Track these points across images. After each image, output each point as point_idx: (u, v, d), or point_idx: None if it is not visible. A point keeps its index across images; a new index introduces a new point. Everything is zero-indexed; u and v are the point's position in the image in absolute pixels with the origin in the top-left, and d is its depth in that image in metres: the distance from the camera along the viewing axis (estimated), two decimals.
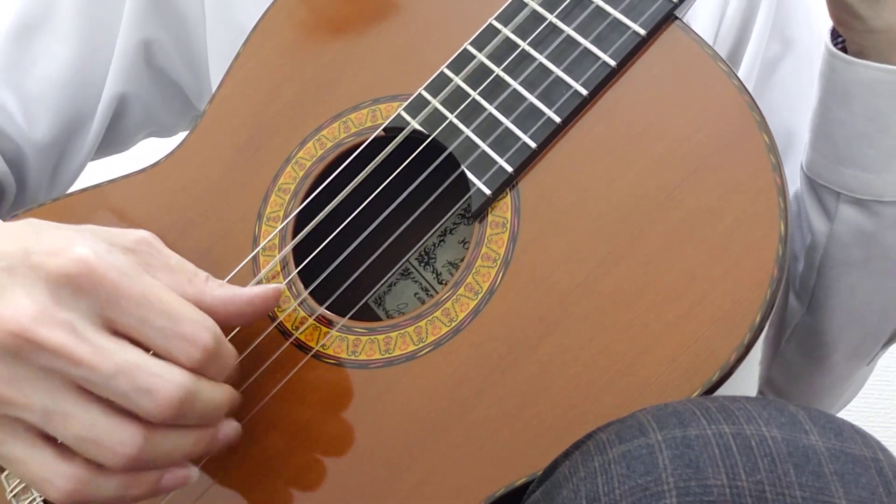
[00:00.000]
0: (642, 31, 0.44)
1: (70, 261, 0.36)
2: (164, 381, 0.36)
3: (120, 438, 0.36)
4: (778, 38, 0.62)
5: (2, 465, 0.39)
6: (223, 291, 0.41)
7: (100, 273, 0.36)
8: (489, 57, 0.47)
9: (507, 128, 0.45)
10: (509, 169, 0.44)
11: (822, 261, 0.52)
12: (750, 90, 0.52)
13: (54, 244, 0.36)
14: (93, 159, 0.70)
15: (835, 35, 0.50)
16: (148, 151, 0.66)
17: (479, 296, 0.43)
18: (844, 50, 0.49)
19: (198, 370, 0.37)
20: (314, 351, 0.45)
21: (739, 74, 0.62)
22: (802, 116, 0.61)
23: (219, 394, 0.39)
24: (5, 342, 0.35)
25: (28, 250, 0.36)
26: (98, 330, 0.36)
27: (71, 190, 0.61)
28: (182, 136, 0.55)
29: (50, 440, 0.38)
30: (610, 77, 0.44)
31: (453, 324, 0.43)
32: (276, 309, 0.47)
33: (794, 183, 0.58)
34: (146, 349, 0.37)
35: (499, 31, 0.47)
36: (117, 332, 0.37)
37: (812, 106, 0.52)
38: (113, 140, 0.69)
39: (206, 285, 0.41)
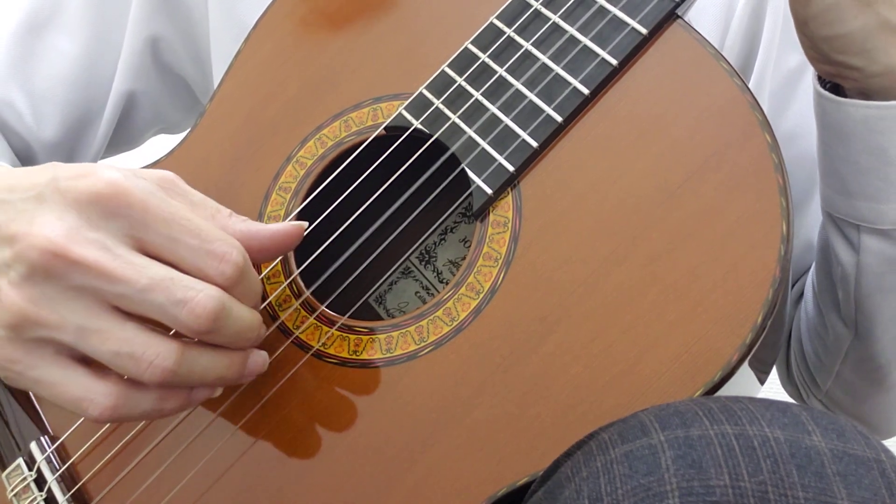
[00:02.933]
0: (644, 30, 0.43)
1: (99, 181, 0.36)
2: (199, 293, 0.36)
3: (156, 351, 0.37)
4: (797, 48, 0.61)
5: (36, 392, 0.39)
6: (246, 226, 0.41)
7: (128, 194, 0.36)
8: (490, 56, 0.47)
9: (508, 127, 0.45)
10: (511, 168, 0.44)
11: (856, 291, 0.51)
12: (766, 101, 0.51)
13: (82, 169, 0.37)
14: (103, 157, 0.70)
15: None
16: (159, 149, 0.66)
17: (481, 295, 0.43)
18: (833, 89, 0.48)
19: (228, 287, 0.38)
20: (314, 350, 0.45)
21: (752, 84, 0.60)
22: None
23: (249, 314, 0.39)
24: (37, 261, 0.36)
25: (56, 177, 0.37)
26: (129, 248, 0.37)
27: None
28: (181, 137, 0.55)
29: (82, 362, 0.38)
30: (611, 76, 0.44)
31: (455, 323, 0.43)
32: (277, 308, 0.47)
33: None
34: (177, 269, 0.37)
35: (500, 30, 0.47)
36: (147, 253, 0.37)
37: (816, 142, 0.50)
38: (122, 138, 0.69)
39: (230, 220, 0.41)
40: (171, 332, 0.39)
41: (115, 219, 0.37)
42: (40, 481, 0.47)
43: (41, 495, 0.46)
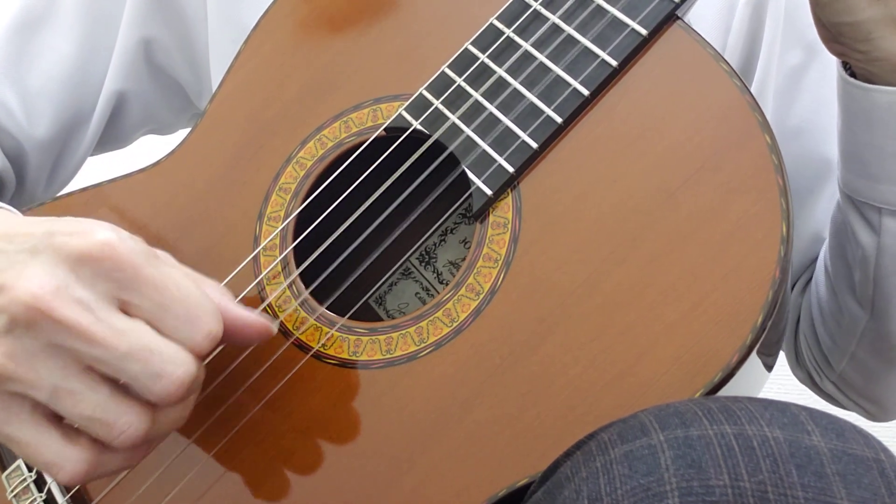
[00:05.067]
0: (644, 31, 0.44)
1: (93, 241, 0.36)
2: (176, 366, 0.36)
3: (128, 420, 0.37)
4: (798, 45, 0.61)
5: (9, 447, 0.39)
6: (225, 302, 0.40)
7: (122, 256, 0.36)
8: (490, 57, 0.47)
9: (508, 128, 0.45)
10: (510, 169, 0.44)
11: (875, 272, 0.52)
12: (771, 100, 0.52)
13: (78, 226, 0.37)
14: (93, 155, 0.70)
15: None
16: (146, 150, 0.66)
17: (481, 296, 0.43)
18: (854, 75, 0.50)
19: (201, 356, 0.38)
20: (314, 351, 0.45)
21: (755, 84, 0.61)
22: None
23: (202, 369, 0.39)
24: (20, 315, 0.35)
25: (52, 231, 0.37)
26: (114, 311, 0.37)
27: (71, 188, 0.61)
28: (182, 133, 0.55)
29: (55, 421, 0.38)
30: (611, 77, 0.44)
31: (454, 324, 0.43)
32: (277, 309, 0.47)
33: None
34: (157, 331, 0.37)
35: (500, 31, 0.47)
36: (130, 314, 0.37)
37: (837, 127, 0.52)
38: (111, 137, 0.69)
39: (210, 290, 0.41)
40: None
41: (104, 279, 0.36)
42: (40, 482, 0.47)
43: (41, 496, 0.46)
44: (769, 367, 0.45)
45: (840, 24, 0.46)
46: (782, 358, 0.59)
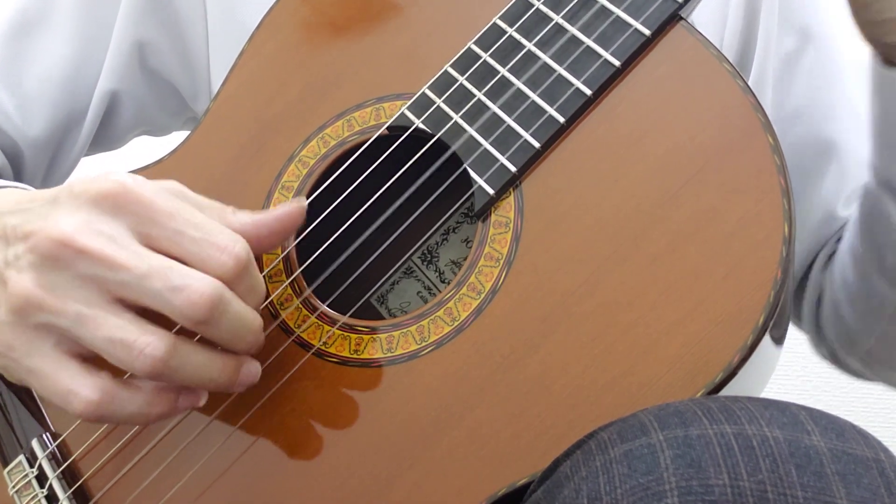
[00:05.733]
0: (647, 31, 0.44)
1: (109, 181, 0.39)
2: (197, 281, 0.38)
3: (148, 340, 0.38)
4: (792, 30, 0.62)
5: (28, 384, 0.40)
6: (251, 217, 0.43)
7: (136, 192, 0.39)
8: (493, 56, 0.47)
9: (510, 127, 0.45)
10: (512, 168, 0.44)
11: None
12: (770, 89, 0.52)
13: (94, 175, 0.40)
14: (87, 156, 0.70)
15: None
16: (140, 151, 0.66)
17: (482, 295, 0.43)
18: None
19: (230, 282, 0.39)
20: (315, 349, 0.45)
21: (753, 75, 0.62)
22: (838, 120, 0.61)
23: (248, 312, 0.40)
24: (47, 249, 0.38)
25: (71, 183, 0.40)
26: (135, 241, 0.38)
27: None
28: (176, 135, 0.56)
29: (77, 358, 0.39)
30: (614, 77, 0.44)
31: (455, 323, 0.43)
32: (278, 307, 0.47)
33: (845, 185, 0.59)
34: (182, 262, 0.39)
35: (503, 31, 0.47)
36: (153, 248, 0.39)
37: (869, 119, 0.52)
38: (105, 137, 0.70)
39: (234, 216, 0.42)
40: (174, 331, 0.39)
41: (123, 214, 0.38)
42: (41, 478, 0.47)
43: (42, 492, 0.46)
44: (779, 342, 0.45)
45: (885, 22, 0.46)
46: (782, 358, 0.59)
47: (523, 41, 0.46)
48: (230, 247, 0.39)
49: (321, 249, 0.48)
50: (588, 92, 0.44)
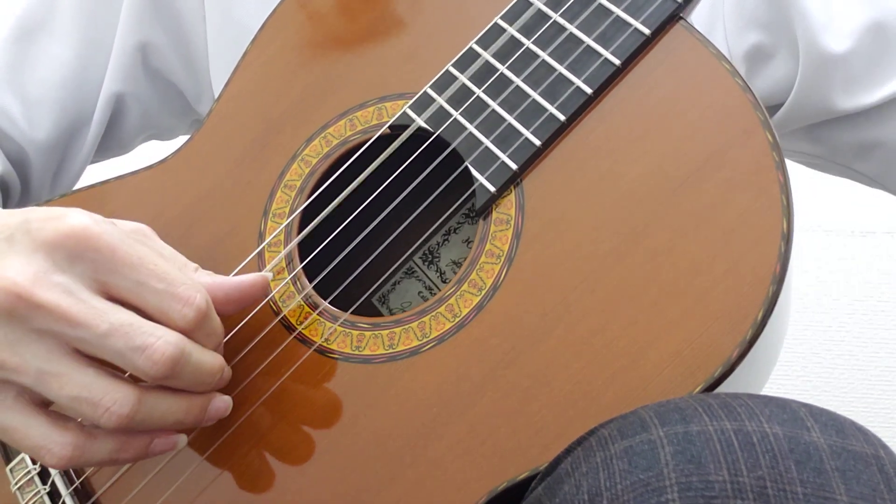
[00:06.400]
0: (647, 31, 0.44)
1: (66, 225, 0.37)
2: (158, 339, 0.37)
3: (114, 398, 0.37)
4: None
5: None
6: (212, 278, 0.42)
7: (96, 237, 0.37)
8: (494, 55, 0.47)
9: (511, 125, 0.45)
10: (513, 166, 0.44)
11: None
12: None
13: (53, 212, 0.38)
14: (94, 162, 0.70)
15: None
16: (148, 156, 0.66)
17: (483, 292, 0.43)
18: None
19: (190, 332, 0.38)
20: (317, 345, 0.45)
21: None
22: None
23: (209, 358, 0.40)
24: (2, 304, 0.36)
25: (28, 219, 0.38)
26: (93, 293, 0.37)
27: (76, 188, 0.62)
28: (184, 139, 0.56)
29: (42, 407, 0.39)
30: (614, 76, 0.44)
31: (457, 319, 0.43)
32: (280, 304, 0.47)
33: None
34: (140, 314, 0.38)
35: (504, 30, 0.47)
36: (112, 297, 0.38)
37: None
38: (112, 142, 0.70)
39: (196, 273, 0.42)
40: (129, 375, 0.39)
41: (81, 262, 0.37)
42: (44, 475, 0.47)
43: (44, 489, 0.47)
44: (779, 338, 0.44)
45: None
46: (782, 358, 0.59)
47: (524, 40, 0.47)
48: (191, 299, 0.38)
49: (322, 246, 0.48)
50: (588, 90, 0.44)
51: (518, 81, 0.46)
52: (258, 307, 0.47)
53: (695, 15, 0.59)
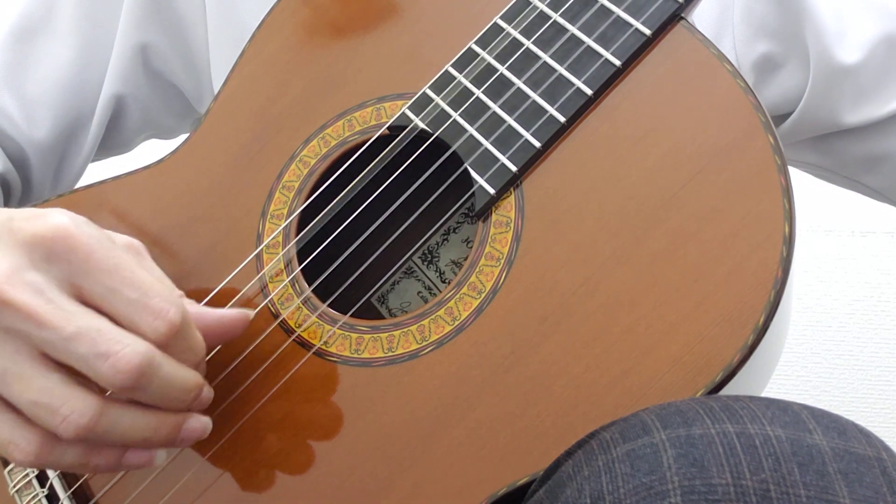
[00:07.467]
0: (647, 31, 0.44)
1: (47, 224, 0.37)
2: (125, 347, 0.36)
3: (73, 407, 0.36)
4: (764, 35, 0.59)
5: None
6: (194, 308, 0.41)
7: (74, 239, 0.36)
8: (494, 56, 0.47)
9: (511, 127, 0.45)
10: (513, 168, 0.44)
11: None
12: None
13: (35, 212, 0.37)
14: (96, 160, 0.70)
15: None
16: (150, 154, 0.66)
17: (483, 295, 0.43)
18: None
19: (162, 345, 0.37)
20: (316, 348, 0.45)
21: None
22: None
23: (183, 374, 0.39)
24: None
25: (11, 218, 0.37)
26: (65, 295, 0.36)
27: (76, 187, 0.61)
28: (182, 139, 0.56)
29: (11, 405, 0.38)
30: (615, 77, 0.44)
31: (456, 322, 0.43)
32: (279, 306, 0.47)
33: None
34: (113, 321, 0.37)
35: (503, 30, 0.47)
36: (85, 301, 0.37)
37: None
38: (113, 141, 0.69)
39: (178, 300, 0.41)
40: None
41: (57, 262, 0.36)
42: (42, 478, 0.47)
43: (43, 492, 0.46)
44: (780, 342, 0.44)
45: None
46: (782, 358, 0.59)
47: (524, 41, 0.46)
48: (164, 311, 0.37)
49: (321, 248, 0.48)
50: (589, 92, 0.44)
51: (518, 82, 0.46)
52: (257, 308, 0.47)
53: (703, 22, 0.59)
